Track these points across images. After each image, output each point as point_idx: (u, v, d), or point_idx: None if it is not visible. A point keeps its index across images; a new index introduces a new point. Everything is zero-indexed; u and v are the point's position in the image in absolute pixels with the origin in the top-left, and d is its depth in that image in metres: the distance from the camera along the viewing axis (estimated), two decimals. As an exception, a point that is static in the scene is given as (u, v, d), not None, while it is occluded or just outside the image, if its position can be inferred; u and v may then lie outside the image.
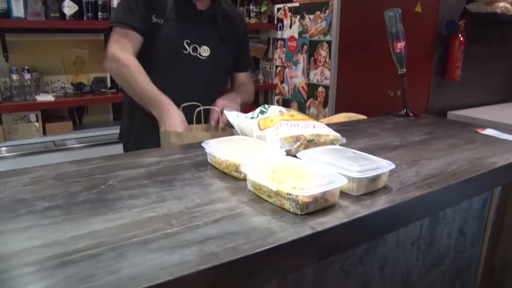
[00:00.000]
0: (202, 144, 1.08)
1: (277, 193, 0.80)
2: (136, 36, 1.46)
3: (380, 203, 0.84)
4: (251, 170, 0.86)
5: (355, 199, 0.87)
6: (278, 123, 1.14)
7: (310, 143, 1.13)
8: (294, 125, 1.13)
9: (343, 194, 0.89)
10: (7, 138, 2.64)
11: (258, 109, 1.34)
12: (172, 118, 1.38)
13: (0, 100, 2.61)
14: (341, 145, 1.17)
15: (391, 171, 0.94)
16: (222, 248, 0.66)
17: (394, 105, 1.73)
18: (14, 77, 2.62)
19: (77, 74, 3.12)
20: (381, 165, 0.91)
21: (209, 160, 1.08)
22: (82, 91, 3.03)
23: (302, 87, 3.36)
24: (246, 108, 1.59)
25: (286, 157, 0.94)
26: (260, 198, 0.86)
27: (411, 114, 1.73)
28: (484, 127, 1.49)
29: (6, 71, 2.76)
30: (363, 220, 0.78)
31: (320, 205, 0.80)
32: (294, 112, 1.23)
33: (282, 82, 3.62)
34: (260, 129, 1.17)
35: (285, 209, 0.80)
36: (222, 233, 0.72)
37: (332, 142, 1.16)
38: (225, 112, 1.34)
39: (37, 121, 2.72)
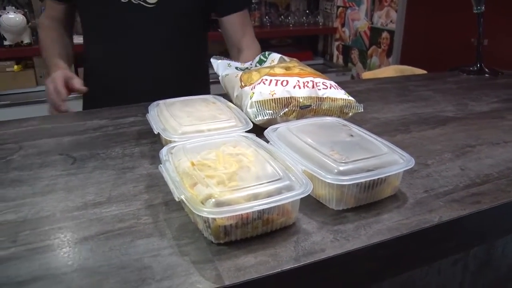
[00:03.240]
0: (149, 107, 0.77)
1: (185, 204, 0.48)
2: (52, 3, 1.14)
3: (372, 231, 0.49)
4: (168, 157, 0.55)
5: (332, 217, 0.52)
6: (259, 79, 0.78)
7: (305, 110, 0.77)
8: (282, 82, 0.77)
9: (316, 204, 0.54)
10: (40, 83, 2.54)
11: (257, 57, 0.99)
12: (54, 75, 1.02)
13: (31, 42, 2.49)
14: (359, 115, 0.80)
15: (418, 165, 0.57)
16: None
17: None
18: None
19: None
20: (389, 161, 0.54)
21: (157, 129, 0.78)
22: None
23: (365, 31, 2.84)
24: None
25: (235, 138, 0.60)
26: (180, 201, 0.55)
27: (487, 70, 1.25)
28: None
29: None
30: (324, 265, 0.44)
31: (254, 231, 0.46)
32: (293, 63, 0.86)
33: (343, 25, 3.11)
34: (241, 87, 0.83)
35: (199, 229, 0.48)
36: (72, 270, 0.43)
37: (341, 111, 0.79)
38: (212, 60, 1.00)
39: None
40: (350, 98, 0.79)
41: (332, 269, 0.45)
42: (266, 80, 0.77)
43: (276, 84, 0.76)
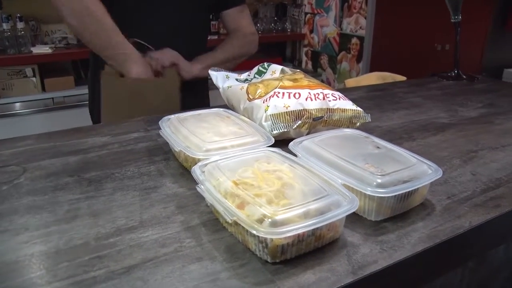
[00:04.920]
0: (160, 123, 0.76)
1: (236, 224, 0.48)
2: None
3: (414, 239, 0.51)
4: (203, 177, 0.54)
5: (372, 228, 0.53)
6: (271, 92, 0.79)
7: (317, 121, 0.78)
8: (294, 95, 0.78)
9: (353, 216, 0.55)
10: (3, 95, 2.42)
11: (255, 68, 0.99)
12: (139, 64, 1.03)
13: (-7, 51, 2.36)
14: (363, 124, 0.82)
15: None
16: None
17: (441, 62, 1.33)
18: (5, 26, 2.35)
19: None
20: (420, 172, 0.56)
21: (170, 146, 0.77)
22: (85, 42, 2.73)
23: (334, 37, 2.91)
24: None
25: (265, 153, 0.60)
26: (218, 221, 0.54)
27: (464, 76, 1.32)
28: None
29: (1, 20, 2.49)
30: (379, 276, 0.45)
31: (307, 247, 0.47)
32: (299, 75, 0.87)
33: (311, 31, 3.17)
34: (249, 99, 0.83)
35: (249, 249, 0.48)
36: (127, 300, 0.41)
37: (350, 121, 0.81)
38: (210, 72, 0.99)
39: (34, 76, 2.46)
40: (358, 108, 0.81)
41: (386, 279, 0.46)
42: (279, 93, 0.77)
43: (289, 97, 0.77)
